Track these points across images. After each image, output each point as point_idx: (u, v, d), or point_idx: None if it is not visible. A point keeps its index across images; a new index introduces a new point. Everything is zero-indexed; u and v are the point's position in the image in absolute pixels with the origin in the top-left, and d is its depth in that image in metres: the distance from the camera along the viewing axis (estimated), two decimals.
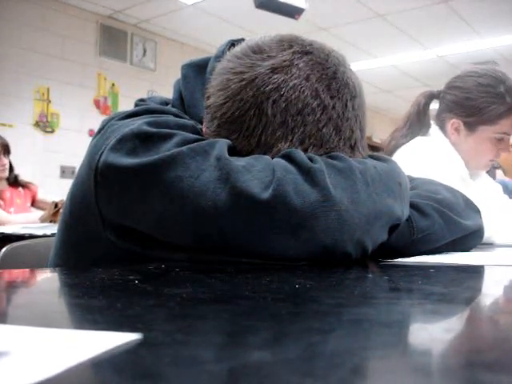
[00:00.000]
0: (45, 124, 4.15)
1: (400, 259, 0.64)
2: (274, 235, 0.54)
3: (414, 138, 1.40)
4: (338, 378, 0.19)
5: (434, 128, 1.41)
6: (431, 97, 1.43)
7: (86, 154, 0.64)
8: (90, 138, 0.66)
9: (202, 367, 0.20)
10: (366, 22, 4.44)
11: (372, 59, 5.28)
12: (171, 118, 0.65)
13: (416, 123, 1.41)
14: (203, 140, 0.59)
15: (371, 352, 0.23)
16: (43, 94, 4.13)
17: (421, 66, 5.52)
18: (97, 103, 4.49)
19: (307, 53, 0.62)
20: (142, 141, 0.58)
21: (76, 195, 0.65)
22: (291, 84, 0.59)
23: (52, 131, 4.21)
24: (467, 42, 4.88)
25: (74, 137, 4.26)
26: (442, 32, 4.64)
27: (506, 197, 1.51)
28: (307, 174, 0.55)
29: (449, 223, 0.70)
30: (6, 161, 2.76)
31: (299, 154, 0.58)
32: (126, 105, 4.64)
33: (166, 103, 0.76)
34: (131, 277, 0.45)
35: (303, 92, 0.59)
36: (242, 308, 0.33)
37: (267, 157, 0.58)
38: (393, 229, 0.62)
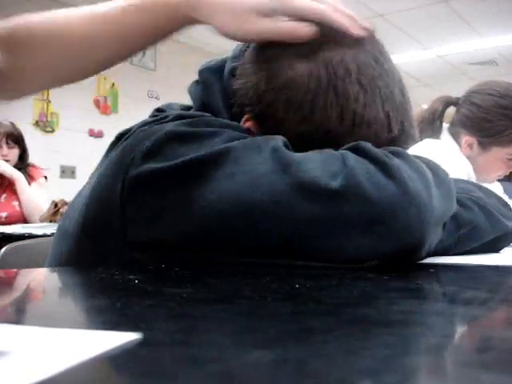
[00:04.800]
0: (45, 124, 4.15)
1: None
2: (344, 231, 0.48)
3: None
4: (337, 377, 0.19)
5: (445, 134, 1.39)
6: (448, 104, 1.40)
7: (112, 161, 0.56)
8: (90, 138, 0.65)
9: (202, 367, 0.20)
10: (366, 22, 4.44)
11: None
12: (213, 118, 0.59)
13: (428, 130, 1.38)
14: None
15: (371, 352, 0.23)
16: (43, 94, 4.12)
17: (421, 65, 5.52)
18: (97, 103, 4.49)
19: None
20: (179, 142, 0.52)
21: (93, 208, 0.57)
22: None
23: (52, 131, 4.20)
24: (467, 42, 4.88)
25: (74, 137, 4.25)
26: (442, 32, 4.64)
27: (506, 197, 1.52)
28: (381, 165, 0.49)
29: (490, 218, 0.65)
30: (6, 151, 2.40)
31: (368, 145, 0.52)
32: (126, 105, 4.64)
33: (187, 109, 0.68)
34: (131, 277, 0.45)
35: None
36: (242, 308, 0.33)
37: (331, 149, 0.52)
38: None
